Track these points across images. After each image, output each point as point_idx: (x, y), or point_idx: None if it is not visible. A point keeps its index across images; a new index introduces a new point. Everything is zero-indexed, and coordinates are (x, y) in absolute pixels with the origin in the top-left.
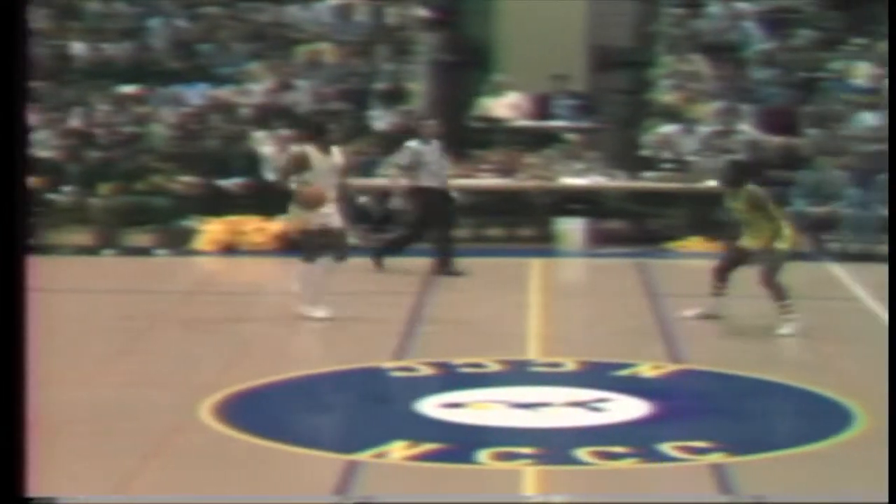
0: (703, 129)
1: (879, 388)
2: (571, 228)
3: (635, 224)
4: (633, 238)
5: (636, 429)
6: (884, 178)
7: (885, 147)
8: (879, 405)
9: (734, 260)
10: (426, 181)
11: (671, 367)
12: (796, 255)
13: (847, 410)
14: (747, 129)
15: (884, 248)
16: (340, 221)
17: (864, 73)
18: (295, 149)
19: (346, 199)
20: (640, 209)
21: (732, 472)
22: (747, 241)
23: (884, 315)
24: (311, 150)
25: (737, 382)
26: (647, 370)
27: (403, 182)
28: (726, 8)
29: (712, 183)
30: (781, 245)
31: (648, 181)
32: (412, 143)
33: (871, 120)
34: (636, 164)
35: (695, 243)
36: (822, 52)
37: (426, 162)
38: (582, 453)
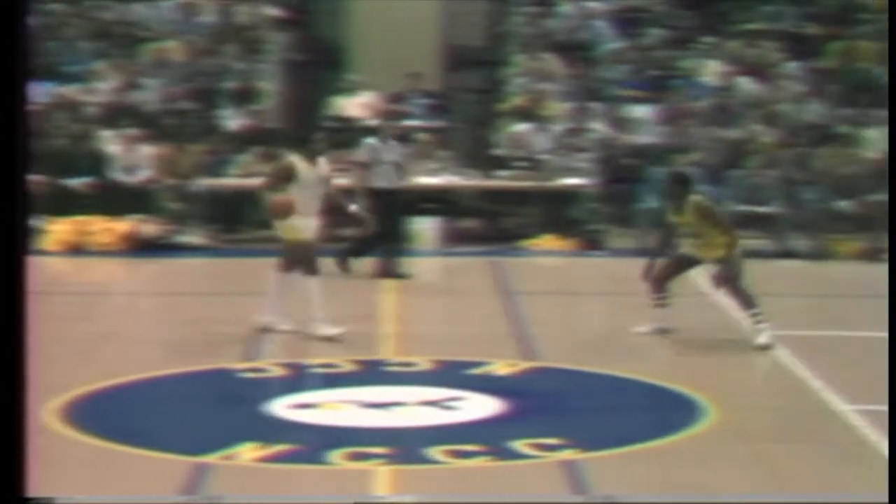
0: (556, 128)
1: (727, 381)
2: (425, 227)
3: (489, 223)
4: (487, 237)
5: (488, 427)
6: (736, 174)
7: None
8: (728, 398)
9: (674, 269)
10: (379, 181)
11: (524, 365)
12: (648, 252)
13: (697, 405)
14: (599, 127)
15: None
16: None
17: (713, 71)
18: (281, 160)
19: (337, 209)
20: (493, 208)
21: (583, 469)
22: (700, 252)
23: (732, 308)
24: (297, 161)
25: (589, 379)
26: (500, 368)
27: (360, 180)
28: (577, 7)
29: (565, 181)
30: (735, 250)
31: (501, 180)
32: (371, 141)
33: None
34: (489, 163)
35: (547, 241)
36: (672, 51)
37: (382, 161)
38: (434, 452)
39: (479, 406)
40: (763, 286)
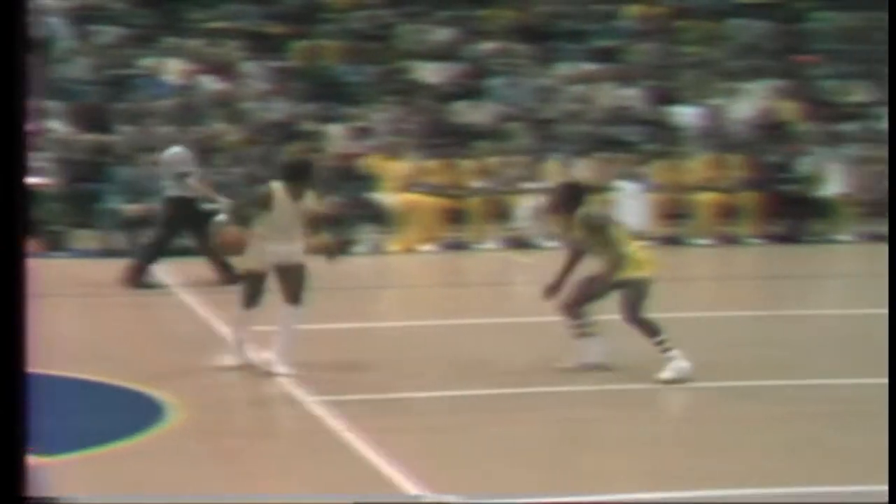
0: None
1: (195, 381)
2: None
3: None
4: None
5: None
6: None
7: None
8: (195, 398)
9: (584, 292)
10: (180, 190)
11: None
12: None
13: (162, 405)
14: (58, 126)
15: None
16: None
17: (175, 69)
18: (264, 187)
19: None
20: None
21: (47, 473)
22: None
23: (198, 307)
24: (277, 191)
25: (52, 383)
26: None
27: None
28: (30, 3)
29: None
30: (635, 273)
31: None
32: (178, 149)
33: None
34: None
35: None
36: (132, 49)
37: (187, 171)
38: None
39: None
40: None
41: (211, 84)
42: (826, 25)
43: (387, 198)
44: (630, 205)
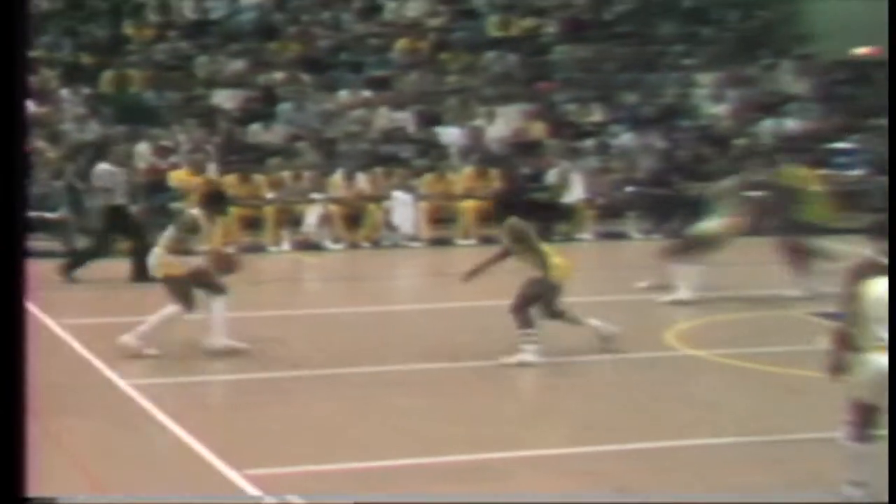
0: None
1: None
2: None
3: None
4: None
5: None
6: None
7: None
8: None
9: (528, 295)
10: (118, 199)
11: None
12: None
13: None
14: None
15: None
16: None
17: None
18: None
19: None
20: None
21: None
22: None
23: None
24: (200, 216)
25: None
26: None
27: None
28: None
29: None
30: (550, 274)
31: None
32: (106, 166)
33: None
34: None
35: None
36: None
37: (118, 182)
38: None
39: None
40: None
41: (31, 108)
42: (565, 57)
43: (190, 207)
44: (403, 212)
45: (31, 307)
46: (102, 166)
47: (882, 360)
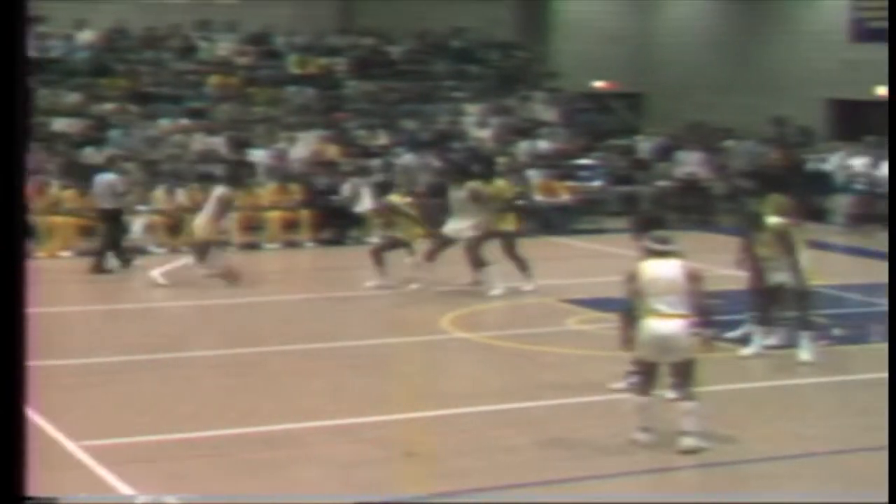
0: None
1: None
2: None
3: None
4: None
5: None
6: None
7: None
8: None
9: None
10: (114, 203)
11: None
12: None
13: None
14: None
15: None
16: None
17: None
18: None
19: None
20: None
21: None
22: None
23: None
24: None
25: None
26: None
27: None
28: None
29: None
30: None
31: None
32: (108, 176)
33: None
34: None
35: None
36: None
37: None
38: None
39: None
40: None
41: None
42: (355, 91)
43: (36, 219)
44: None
45: None
46: (107, 175)
47: (656, 324)
